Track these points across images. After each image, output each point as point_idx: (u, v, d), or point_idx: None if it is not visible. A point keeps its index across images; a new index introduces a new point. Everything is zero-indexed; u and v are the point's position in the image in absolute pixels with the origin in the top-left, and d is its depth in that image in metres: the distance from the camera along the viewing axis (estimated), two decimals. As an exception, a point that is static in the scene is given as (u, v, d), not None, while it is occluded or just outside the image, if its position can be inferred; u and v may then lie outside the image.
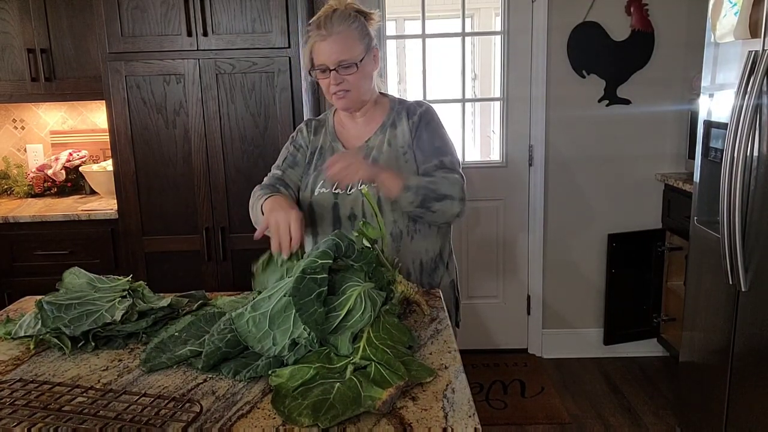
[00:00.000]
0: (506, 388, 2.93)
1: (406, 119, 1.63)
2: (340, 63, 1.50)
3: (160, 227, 2.55)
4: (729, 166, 1.86)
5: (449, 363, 1.09)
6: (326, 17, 1.50)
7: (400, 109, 1.66)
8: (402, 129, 1.62)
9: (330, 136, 1.68)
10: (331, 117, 1.72)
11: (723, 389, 2.05)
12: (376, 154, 1.60)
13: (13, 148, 3.19)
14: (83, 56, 2.75)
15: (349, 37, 1.51)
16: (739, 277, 1.88)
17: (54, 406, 0.95)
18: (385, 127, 1.64)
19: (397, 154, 1.59)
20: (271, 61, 2.42)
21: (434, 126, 1.63)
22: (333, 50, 1.49)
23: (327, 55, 1.50)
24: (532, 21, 2.97)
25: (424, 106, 1.66)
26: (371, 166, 1.46)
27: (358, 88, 1.56)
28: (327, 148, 1.66)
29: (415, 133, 1.61)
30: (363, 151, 1.61)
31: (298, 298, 1.06)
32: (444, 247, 1.68)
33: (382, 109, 1.67)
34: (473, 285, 3.24)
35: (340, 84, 1.53)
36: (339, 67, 1.51)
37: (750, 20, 1.83)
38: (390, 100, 1.69)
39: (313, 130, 1.71)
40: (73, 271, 1.39)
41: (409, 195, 1.46)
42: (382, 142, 1.61)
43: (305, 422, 0.88)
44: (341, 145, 1.65)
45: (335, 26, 1.49)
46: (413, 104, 1.67)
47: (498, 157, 3.18)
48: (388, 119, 1.64)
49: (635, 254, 3.08)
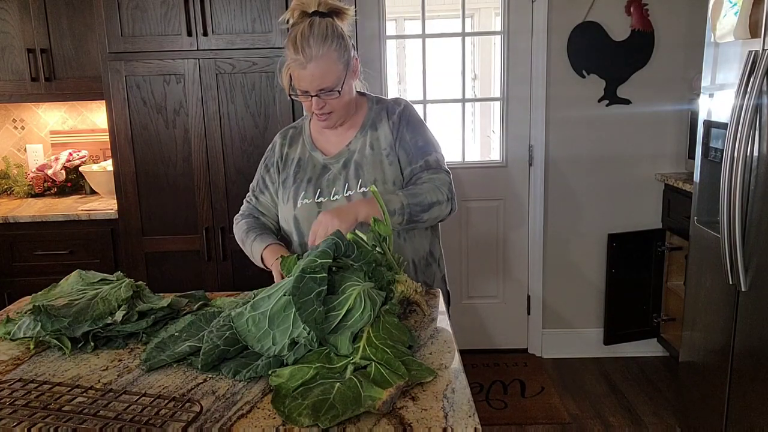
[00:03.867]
0: (506, 388, 2.93)
1: (386, 120, 1.61)
2: (321, 90, 1.47)
3: (160, 227, 2.55)
4: (729, 166, 1.86)
5: (449, 363, 1.09)
6: (302, 39, 1.42)
7: (379, 110, 1.63)
8: (383, 131, 1.60)
9: (308, 145, 1.65)
10: (308, 125, 1.68)
11: (723, 389, 2.05)
12: (359, 158, 1.58)
13: (13, 148, 3.19)
14: (83, 56, 2.75)
15: (328, 62, 1.44)
16: (739, 277, 1.88)
17: (54, 406, 0.95)
18: (365, 128, 1.61)
19: (381, 158, 1.58)
20: (271, 60, 2.42)
21: (415, 124, 1.62)
22: (313, 78, 1.45)
23: (308, 83, 1.46)
24: (532, 21, 2.97)
25: (402, 104, 1.64)
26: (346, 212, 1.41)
27: (341, 108, 1.54)
28: (306, 159, 1.63)
29: (397, 134, 1.59)
30: (344, 155, 1.59)
31: (298, 297, 1.06)
32: (434, 244, 1.68)
33: (360, 111, 1.64)
34: (473, 285, 3.24)
35: (322, 108, 1.50)
36: (320, 92, 1.47)
37: (750, 20, 1.83)
38: (368, 100, 1.66)
39: (289, 141, 1.68)
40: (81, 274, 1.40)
41: (396, 218, 1.45)
42: (364, 145, 1.59)
43: (305, 422, 0.88)
44: (320, 153, 1.62)
45: (313, 50, 1.42)
46: (391, 103, 1.65)
47: (498, 157, 3.18)
48: (367, 120, 1.62)
49: (635, 254, 3.08)
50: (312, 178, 1.59)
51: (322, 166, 1.60)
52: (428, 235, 1.66)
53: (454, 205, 1.56)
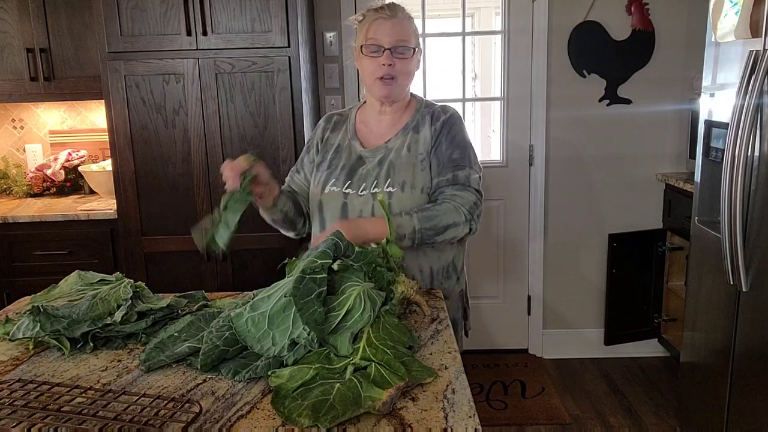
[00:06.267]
0: (507, 388, 2.93)
1: (429, 124, 1.60)
2: (398, 44, 1.51)
3: (160, 227, 2.55)
4: (730, 166, 1.86)
5: (449, 363, 1.08)
6: (389, 4, 1.56)
7: (425, 113, 1.62)
8: (424, 134, 1.59)
9: (350, 134, 1.65)
10: (354, 113, 1.69)
11: (724, 389, 2.05)
12: (394, 158, 1.57)
13: (12, 147, 3.18)
14: (82, 56, 2.74)
15: (409, 26, 1.56)
16: (739, 277, 1.88)
17: (53, 406, 0.95)
18: (407, 129, 1.60)
19: (415, 161, 1.56)
20: (271, 60, 2.42)
21: (455, 135, 1.58)
22: (393, 31, 1.52)
23: (387, 34, 1.51)
24: (533, 20, 2.97)
25: (449, 113, 1.63)
26: (355, 231, 1.40)
27: (404, 78, 1.56)
28: (344, 147, 1.63)
29: (436, 141, 1.58)
30: (381, 152, 1.59)
31: (298, 297, 1.06)
32: (457, 257, 1.65)
33: (408, 111, 1.64)
34: (474, 285, 3.23)
35: (390, 66, 1.52)
36: (394, 49, 1.51)
37: (751, 20, 1.83)
38: (417, 101, 1.66)
39: (332, 125, 1.69)
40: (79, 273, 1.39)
41: (405, 242, 1.44)
42: (402, 146, 1.58)
43: (305, 423, 0.87)
44: (359, 144, 1.62)
45: (398, 13, 1.54)
46: (439, 109, 1.64)
47: (498, 157, 3.18)
48: (412, 121, 1.61)
49: (636, 254, 3.08)
50: (346, 165, 1.59)
51: (357, 157, 1.60)
52: (452, 248, 1.62)
53: (474, 226, 1.53)
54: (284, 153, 2.46)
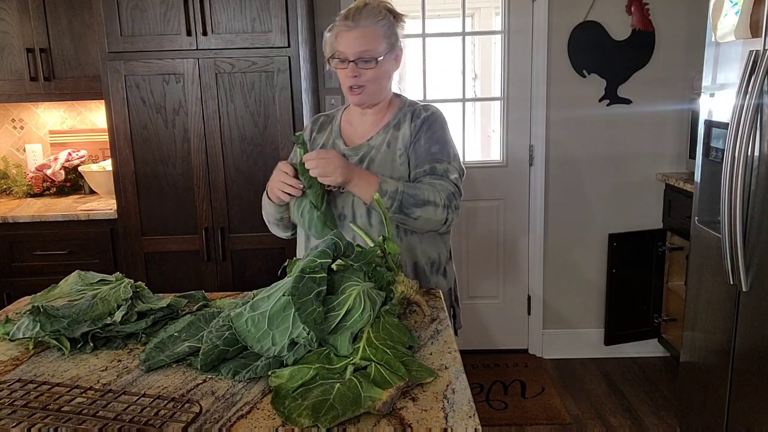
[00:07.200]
0: (507, 388, 2.93)
1: (409, 121, 1.61)
2: (360, 55, 1.50)
3: (160, 227, 2.55)
4: (730, 166, 1.86)
5: (449, 363, 1.08)
6: (356, 10, 1.51)
7: (407, 111, 1.64)
8: (403, 131, 1.60)
9: (334, 133, 1.67)
10: (340, 114, 1.71)
11: (724, 389, 2.05)
12: (374, 154, 1.59)
13: (12, 147, 3.18)
14: (82, 56, 2.74)
15: (373, 33, 1.51)
16: (740, 277, 1.88)
17: (53, 406, 0.94)
18: (389, 127, 1.62)
19: (393, 156, 1.58)
20: (271, 60, 2.42)
21: (435, 131, 1.59)
22: (355, 42, 1.50)
23: (348, 46, 1.51)
24: (533, 20, 2.96)
25: (431, 110, 1.63)
26: (347, 168, 1.43)
27: (374, 85, 1.55)
28: (328, 146, 1.66)
29: (415, 137, 1.59)
30: (363, 149, 1.61)
31: (298, 297, 1.05)
32: (442, 253, 1.66)
33: (391, 110, 1.65)
34: (473, 285, 3.24)
35: (356, 77, 1.52)
36: (358, 59, 1.51)
37: (751, 20, 1.83)
38: (401, 101, 1.68)
39: (319, 127, 1.71)
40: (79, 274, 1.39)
41: (386, 200, 1.44)
42: (383, 143, 1.60)
43: (305, 423, 0.87)
44: (342, 142, 1.64)
45: (362, 20, 1.50)
46: (420, 107, 1.65)
47: (498, 157, 3.18)
48: (393, 119, 1.63)
49: (636, 254, 3.08)
50: None
51: (340, 155, 1.60)
52: (435, 242, 1.62)
53: (450, 216, 1.50)
54: (284, 153, 2.46)
